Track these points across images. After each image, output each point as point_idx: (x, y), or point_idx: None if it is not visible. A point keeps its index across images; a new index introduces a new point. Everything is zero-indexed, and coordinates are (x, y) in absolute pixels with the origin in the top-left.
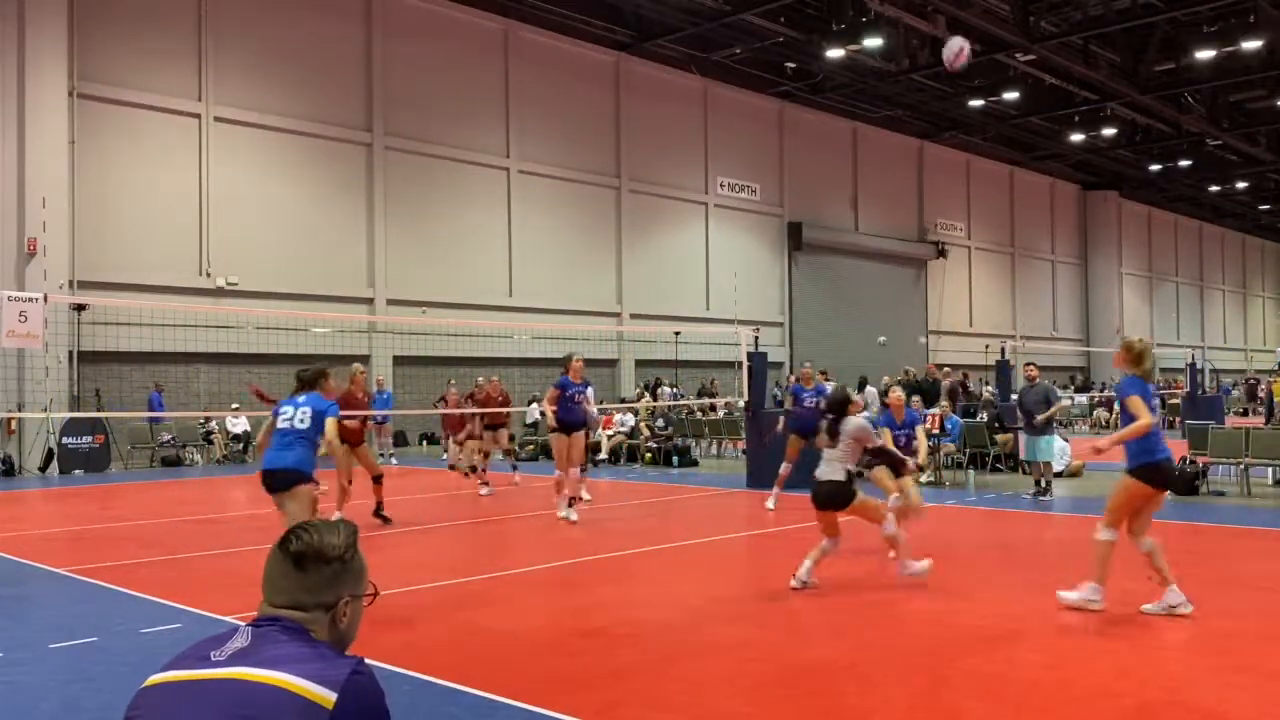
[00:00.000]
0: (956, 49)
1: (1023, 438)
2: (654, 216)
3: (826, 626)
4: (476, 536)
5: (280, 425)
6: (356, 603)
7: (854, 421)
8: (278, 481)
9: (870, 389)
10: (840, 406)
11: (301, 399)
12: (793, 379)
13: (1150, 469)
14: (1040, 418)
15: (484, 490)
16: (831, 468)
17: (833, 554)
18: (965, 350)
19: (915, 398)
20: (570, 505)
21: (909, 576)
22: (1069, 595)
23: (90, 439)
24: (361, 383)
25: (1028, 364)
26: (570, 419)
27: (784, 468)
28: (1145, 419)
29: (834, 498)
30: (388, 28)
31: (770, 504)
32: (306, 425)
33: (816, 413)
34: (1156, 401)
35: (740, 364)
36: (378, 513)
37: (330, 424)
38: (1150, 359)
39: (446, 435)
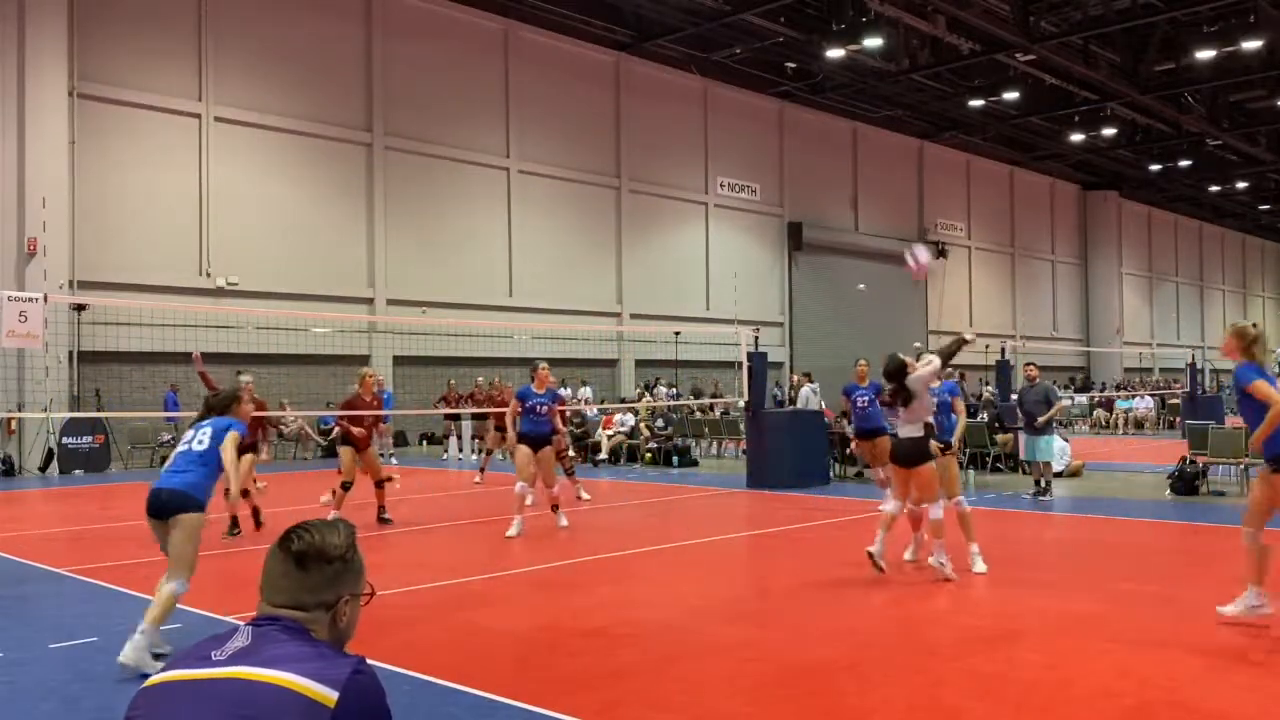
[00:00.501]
0: (917, 262)
1: (1023, 438)
2: (654, 216)
3: (826, 626)
4: (476, 536)
5: (179, 448)
6: (355, 602)
7: (917, 374)
8: (163, 506)
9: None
10: (900, 372)
11: (206, 422)
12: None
13: None
14: (1041, 419)
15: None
16: (912, 426)
17: (899, 516)
18: (965, 350)
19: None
20: (555, 510)
21: (936, 569)
22: (1229, 609)
23: (90, 439)
24: (371, 385)
25: (1028, 364)
26: (535, 432)
27: (876, 474)
28: None
29: (916, 454)
30: (388, 28)
31: (938, 512)
32: (205, 447)
33: (874, 410)
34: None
35: (740, 364)
36: (381, 516)
37: (230, 439)
38: (1263, 346)
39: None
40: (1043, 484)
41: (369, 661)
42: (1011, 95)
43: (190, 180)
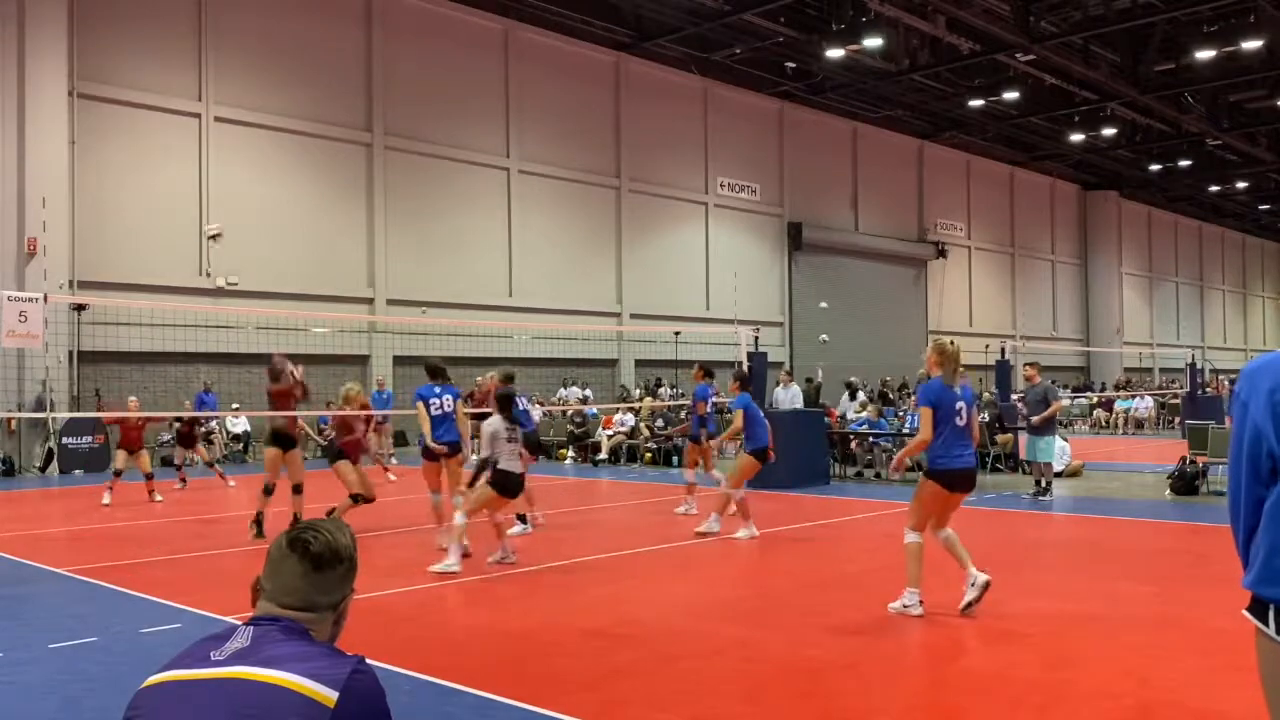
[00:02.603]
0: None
1: (1023, 438)
2: (654, 216)
3: (826, 626)
4: (476, 536)
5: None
6: (348, 600)
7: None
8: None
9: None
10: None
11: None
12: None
13: None
14: (1036, 418)
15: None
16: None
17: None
18: (966, 350)
19: (914, 397)
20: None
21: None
22: None
23: (90, 439)
24: (358, 400)
25: (1027, 364)
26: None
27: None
28: None
29: None
30: (388, 27)
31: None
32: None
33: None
34: None
35: (740, 364)
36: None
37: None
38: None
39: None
40: (1043, 484)
41: (369, 661)
42: (1011, 95)
43: (190, 180)
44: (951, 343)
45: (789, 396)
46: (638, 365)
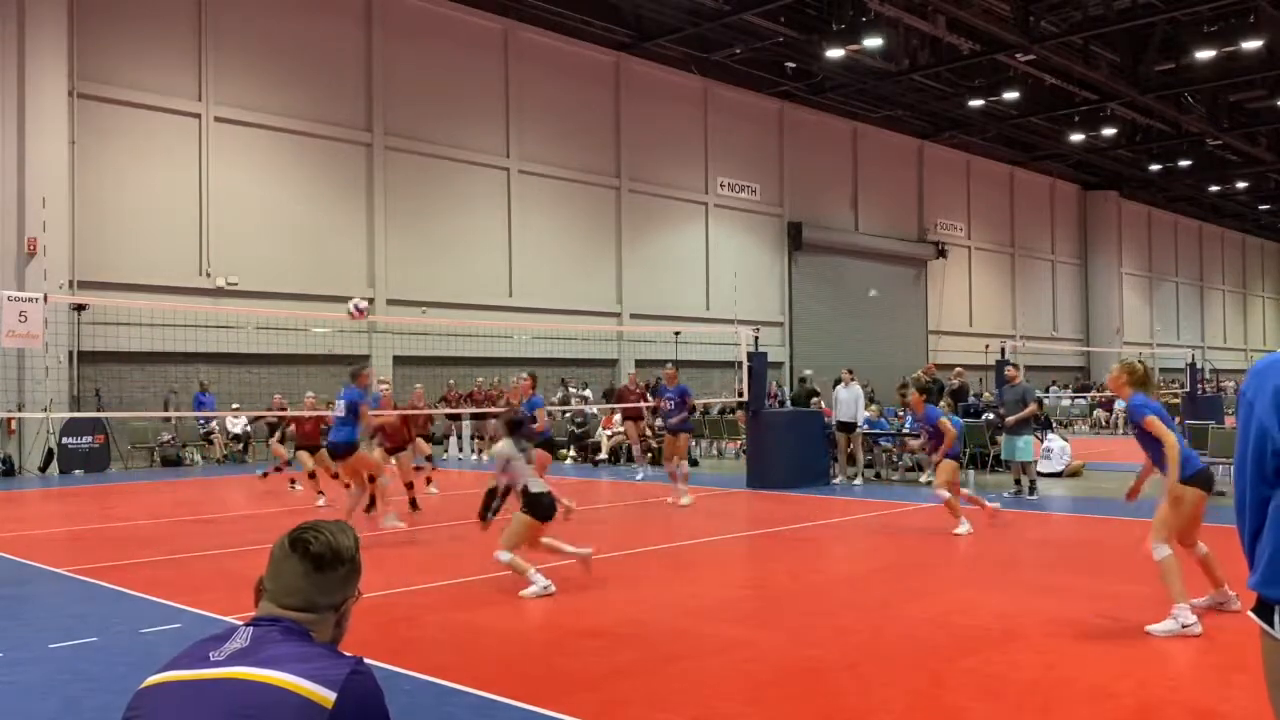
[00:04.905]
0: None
1: (1002, 438)
2: (654, 216)
3: (826, 626)
4: (476, 536)
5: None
6: (351, 602)
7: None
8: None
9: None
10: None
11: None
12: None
13: None
14: (1011, 419)
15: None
16: None
17: None
18: (966, 350)
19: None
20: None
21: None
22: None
23: (90, 439)
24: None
25: (1009, 365)
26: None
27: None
28: None
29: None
30: (388, 27)
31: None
32: None
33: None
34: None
35: (740, 364)
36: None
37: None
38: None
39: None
40: (1024, 484)
41: (368, 661)
42: (1011, 95)
43: (190, 180)
44: (1141, 363)
45: (851, 396)
46: (638, 365)
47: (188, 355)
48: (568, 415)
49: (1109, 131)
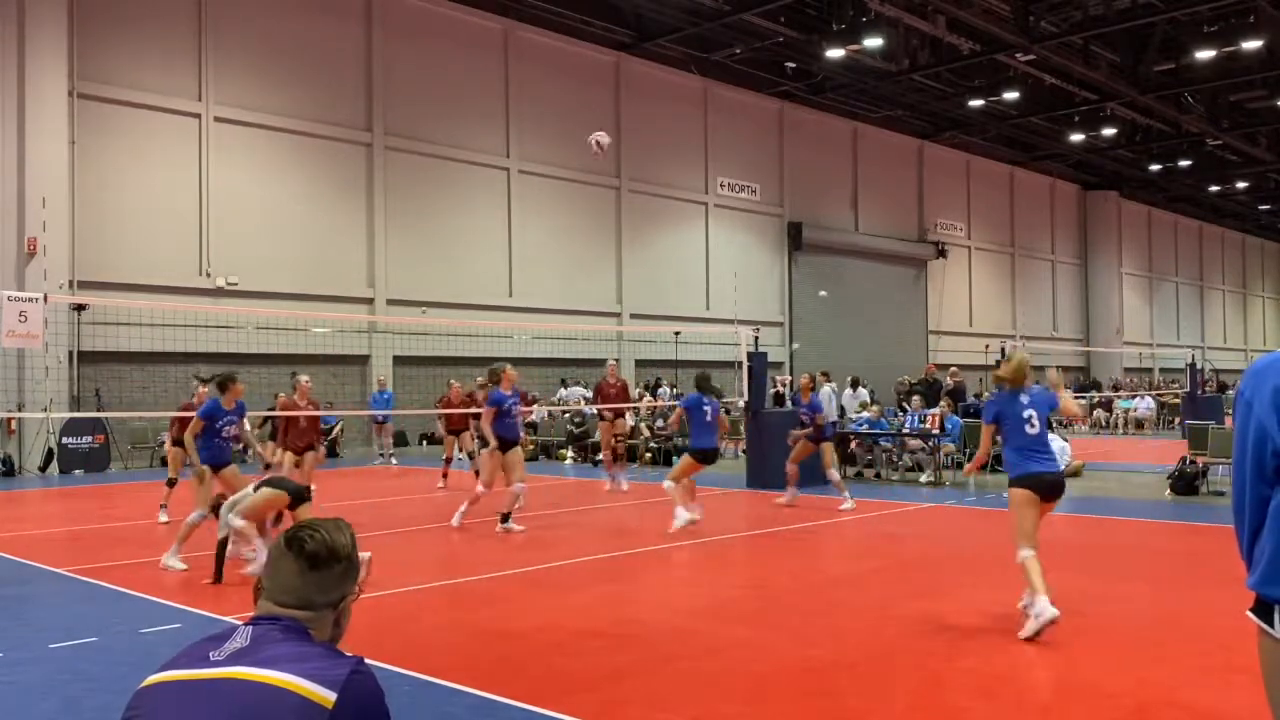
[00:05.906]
0: (599, 145)
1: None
2: (654, 216)
3: (826, 626)
4: (476, 536)
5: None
6: (350, 600)
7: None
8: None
9: (859, 390)
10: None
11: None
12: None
13: None
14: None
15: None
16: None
17: None
18: (966, 350)
19: (916, 398)
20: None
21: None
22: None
23: (90, 439)
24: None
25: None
26: (510, 436)
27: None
28: None
29: None
30: (388, 27)
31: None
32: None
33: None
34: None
35: (740, 364)
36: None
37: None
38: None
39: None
40: None
41: (368, 661)
42: (1011, 95)
43: (190, 180)
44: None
45: (855, 400)
46: (638, 365)
47: (188, 355)
48: (567, 415)
49: (1109, 131)
